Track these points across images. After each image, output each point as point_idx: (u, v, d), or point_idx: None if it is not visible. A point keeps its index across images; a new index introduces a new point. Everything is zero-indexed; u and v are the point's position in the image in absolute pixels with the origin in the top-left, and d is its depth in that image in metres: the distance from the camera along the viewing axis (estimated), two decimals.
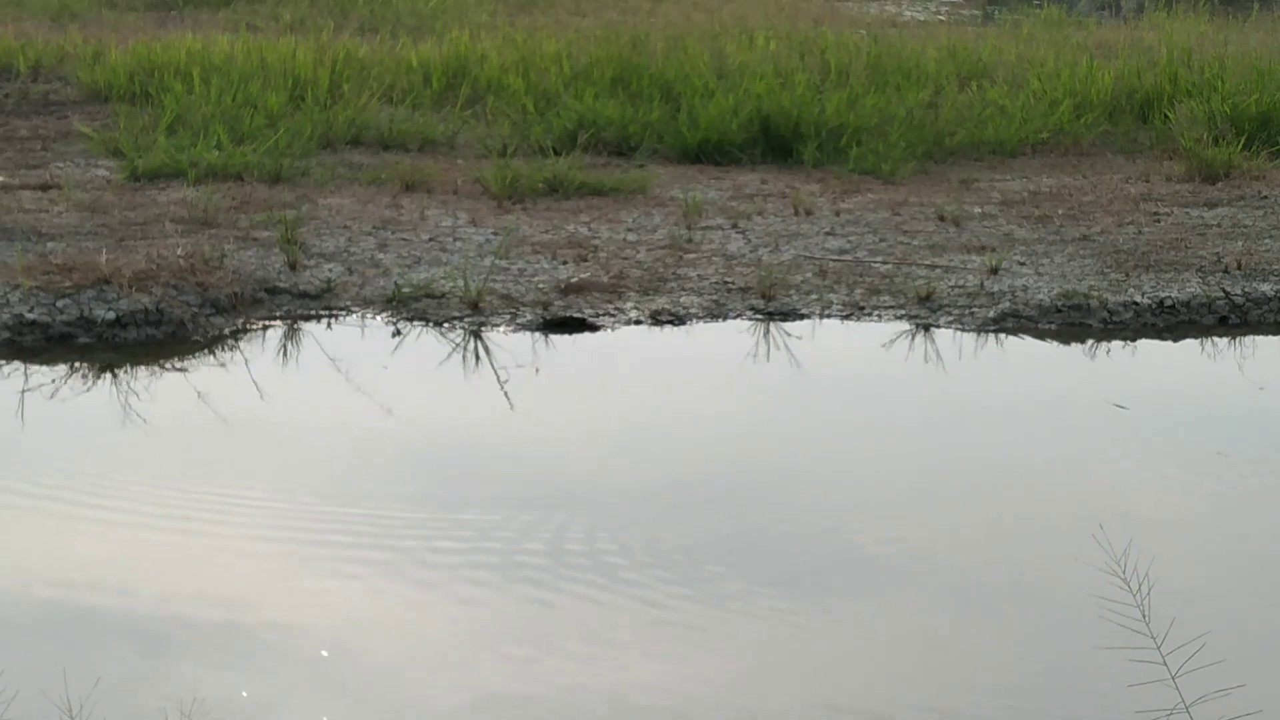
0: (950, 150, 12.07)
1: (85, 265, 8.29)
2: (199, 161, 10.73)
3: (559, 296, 8.53)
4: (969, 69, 14.32)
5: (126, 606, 5.24)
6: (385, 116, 12.23)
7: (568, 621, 5.23)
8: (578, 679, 4.88)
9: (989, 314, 8.50)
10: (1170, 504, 6.36)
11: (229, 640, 5.03)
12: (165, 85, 12.50)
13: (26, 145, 11.79)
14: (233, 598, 5.30)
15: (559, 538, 5.80)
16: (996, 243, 9.71)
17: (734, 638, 5.17)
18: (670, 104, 12.51)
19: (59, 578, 5.42)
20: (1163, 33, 16.90)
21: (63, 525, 5.86)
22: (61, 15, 17.57)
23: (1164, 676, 3.90)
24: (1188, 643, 3.96)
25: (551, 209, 10.28)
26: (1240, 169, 11.62)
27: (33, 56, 14.26)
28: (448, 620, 5.27)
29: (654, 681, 4.87)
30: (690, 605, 5.34)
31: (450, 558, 5.64)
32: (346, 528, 5.83)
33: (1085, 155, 12.41)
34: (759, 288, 8.66)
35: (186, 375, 7.62)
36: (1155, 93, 13.25)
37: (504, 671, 4.90)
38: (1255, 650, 5.12)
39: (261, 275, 8.63)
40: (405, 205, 10.21)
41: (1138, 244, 9.75)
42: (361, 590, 5.41)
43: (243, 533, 5.84)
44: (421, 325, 8.22)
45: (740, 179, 11.26)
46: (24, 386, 7.37)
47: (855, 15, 20.09)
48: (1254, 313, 8.74)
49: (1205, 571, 5.73)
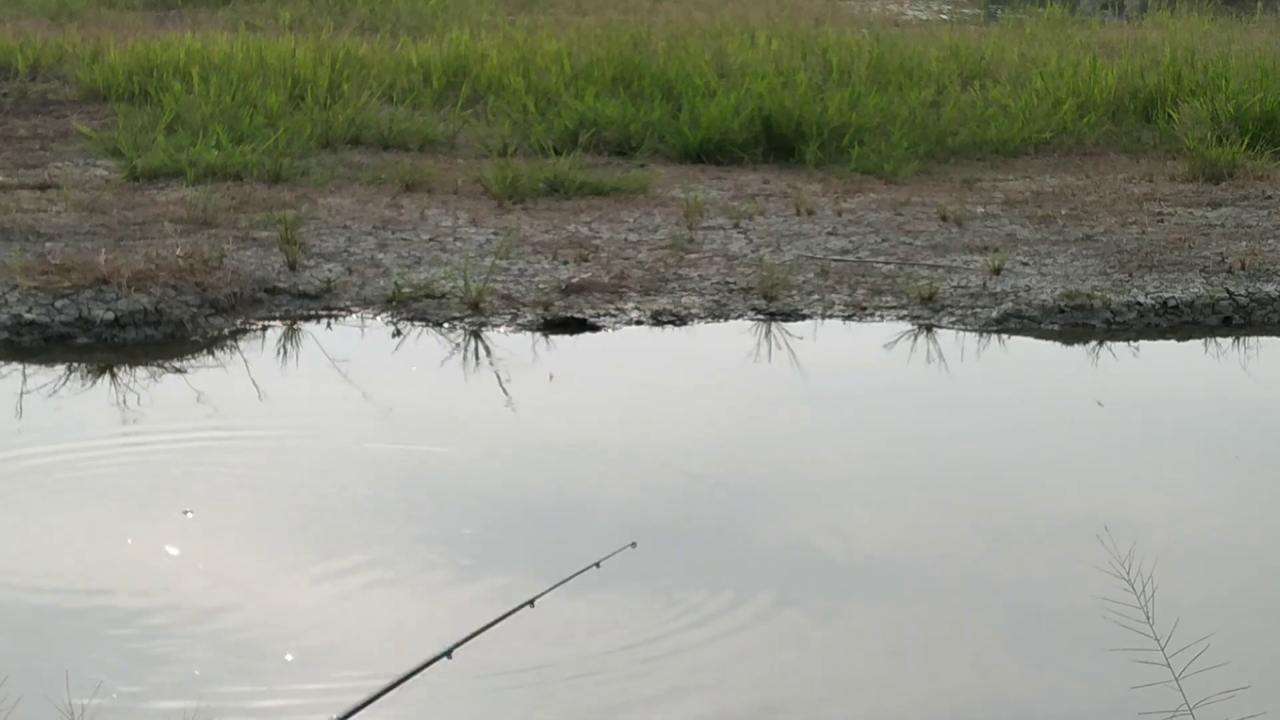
0: (953, 150, 12.05)
1: (84, 265, 8.26)
2: (198, 161, 10.70)
3: (560, 297, 8.50)
4: (971, 68, 14.31)
5: (128, 610, 5.21)
6: (385, 116, 12.21)
7: (567, 622, 5.20)
8: (578, 680, 4.85)
9: (992, 314, 8.46)
10: (1173, 505, 6.33)
11: (231, 644, 5.00)
12: (164, 85, 12.48)
13: (25, 145, 11.76)
14: (234, 600, 5.27)
15: (559, 538, 5.77)
16: (999, 243, 9.68)
17: (731, 639, 5.13)
18: (671, 103, 12.49)
19: (59, 581, 5.39)
20: (1166, 32, 16.89)
21: (63, 526, 5.83)
22: (60, 14, 17.56)
23: (1168, 678, 3.87)
24: (1191, 644, 3.93)
25: (552, 209, 10.26)
26: (1244, 169, 11.60)
27: (31, 56, 14.24)
28: (448, 621, 5.24)
29: (653, 683, 4.84)
30: (688, 605, 5.31)
31: (450, 558, 5.61)
32: (347, 528, 5.81)
33: (1088, 155, 12.39)
34: (761, 288, 8.63)
35: (185, 376, 7.59)
36: (1159, 92, 13.24)
37: (497, 676, 4.87)
38: (1260, 652, 5.09)
39: (261, 275, 8.60)
40: (405, 205, 10.19)
41: (1141, 244, 9.71)
42: (362, 591, 5.38)
43: (244, 534, 5.81)
44: (421, 325, 8.19)
45: (742, 179, 11.23)
46: (22, 387, 7.34)
47: (857, 14, 20.08)
48: (1258, 313, 8.71)
49: (1210, 573, 5.70)
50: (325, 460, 6.54)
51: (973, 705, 4.81)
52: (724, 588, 5.42)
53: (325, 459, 6.55)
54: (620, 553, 4.81)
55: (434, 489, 6.23)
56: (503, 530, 5.89)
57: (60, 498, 6.11)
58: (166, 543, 5.70)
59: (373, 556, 5.59)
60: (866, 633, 5.26)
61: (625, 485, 6.38)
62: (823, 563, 5.70)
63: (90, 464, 6.47)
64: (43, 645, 4.97)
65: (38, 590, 5.32)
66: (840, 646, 5.16)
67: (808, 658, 5.05)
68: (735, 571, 5.55)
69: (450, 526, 5.90)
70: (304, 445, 6.75)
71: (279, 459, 6.57)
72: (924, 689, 4.88)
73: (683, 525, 5.98)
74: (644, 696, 4.79)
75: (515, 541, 5.79)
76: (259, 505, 6.06)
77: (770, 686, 4.86)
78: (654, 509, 6.13)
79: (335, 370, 7.59)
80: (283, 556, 5.65)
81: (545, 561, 5.59)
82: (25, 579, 5.42)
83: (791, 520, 6.02)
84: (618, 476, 6.48)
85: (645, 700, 4.77)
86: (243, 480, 6.27)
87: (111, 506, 5.98)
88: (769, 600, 5.35)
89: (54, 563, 5.53)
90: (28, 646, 4.97)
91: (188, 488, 6.14)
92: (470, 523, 5.95)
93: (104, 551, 5.62)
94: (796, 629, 5.22)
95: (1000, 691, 4.89)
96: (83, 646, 4.96)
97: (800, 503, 6.20)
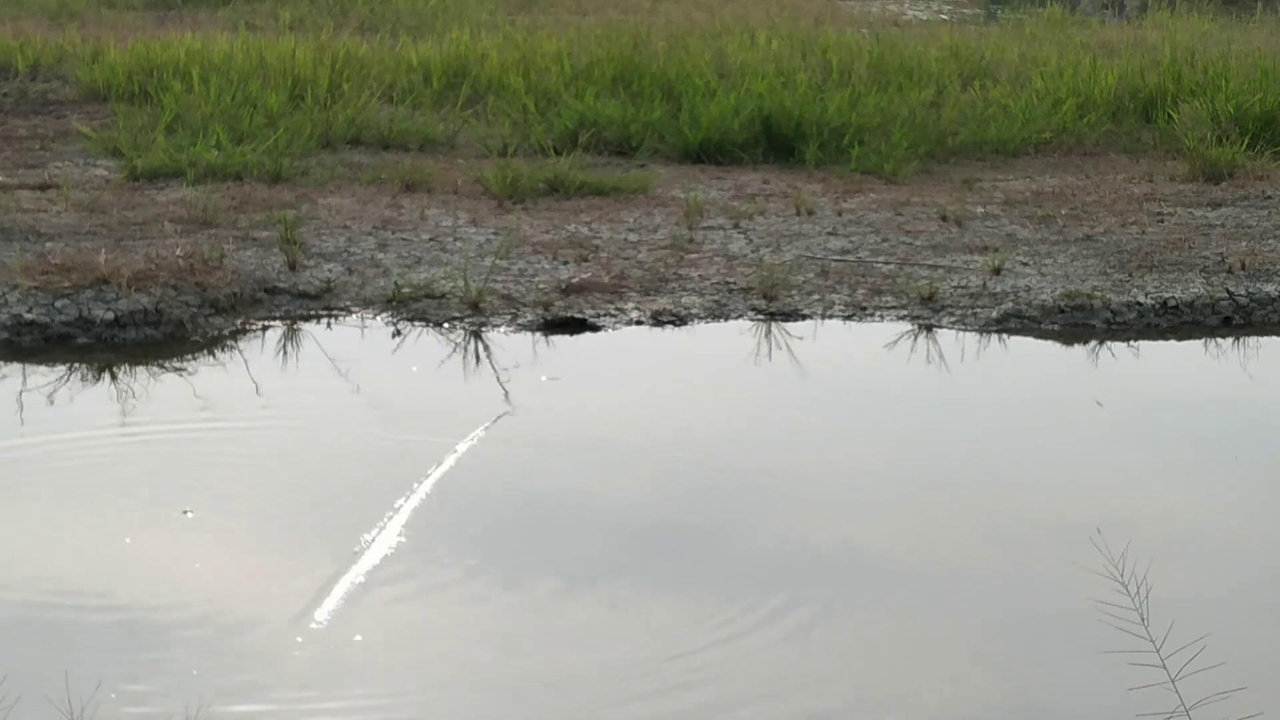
0: (953, 150, 12.05)
1: (84, 265, 8.26)
2: (198, 161, 10.70)
3: (560, 297, 8.50)
4: (971, 68, 14.31)
5: (128, 609, 5.21)
6: (385, 116, 12.21)
7: (566, 624, 5.20)
8: (579, 680, 4.85)
9: (992, 314, 8.46)
10: (1170, 504, 6.33)
11: (232, 643, 5.00)
12: (164, 85, 12.48)
13: (25, 145, 11.76)
14: (235, 600, 5.26)
15: (558, 539, 5.77)
16: (999, 243, 9.68)
17: (725, 640, 5.13)
18: (671, 103, 12.49)
19: (59, 580, 5.39)
20: (1166, 32, 16.88)
21: (63, 527, 5.83)
22: (60, 14, 17.55)
23: (1164, 679, 3.87)
24: (1188, 645, 3.93)
25: (552, 209, 10.25)
26: (1244, 169, 11.59)
27: (31, 56, 14.24)
28: (449, 622, 5.24)
29: (650, 685, 4.83)
30: (687, 606, 5.31)
31: (450, 559, 5.61)
32: (348, 529, 5.80)
33: (1088, 155, 12.39)
34: (761, 288, 8.63)
35: (185, 376, 7.59)
36: (1159, 92, 13.24)
37: (499, 672, 4.87)
38: (1257, 651, 5.08)
39: (261, 275, 8.59)
40: (405, 205, 10.19)
41: (1141, 244, 9.71)
42: (363, 592, 5.37)
43: (244, 534, 5.81)
44: (421, 325, 8.19)
45: (742, 179, 11.23)
46: (22, 387, 7.34)
47: (857, 14, 20.08)
48: (1258, 313, 8.71)
49: (1205, 573, 5.69)
50: (326, 460, 6.54)
51: (967, 707, 4.79)
52: (721, 586, 5.42)
53: (326, 459, 6.55)
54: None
55: (435, 488, 6.22)
56: (504, 528, 5.89)
57: (60, 497, 6.11)
58: (167, 542, 5.69)
59: (373, 556, 5.59)
60: (860, 633, 5.25)
61: (625, 485, 6.38)
62: (816, 564, 5.70)
63: (90, 464, 6.47)
64: (43, 645, 4.97)
65: (37, 590, 5.32)
66: (832, 647, 5.15)
67: (796, 659, 5.03)
68: (732, 571, 5.55)
69: (450, 528, 5.90)
70: (304, 445, 6.75)
71: (279, 459, 6.57)
72: (918, 691, 4.86)
73: (682, 525, 5.98)
74: (634, 700, 4.79)
75: (517, 539, 5.79)
76: (260, 505, 6.06)
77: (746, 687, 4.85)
78: (654, 508, 6.13)
79: (335, 370, 7.59)
80: (283, 556, 5.65)
81: (546, 561, 5.60)
82: (25, 579, 5.42)
83: (790, 520, 6.01)
84: (617, 476, 6.48)
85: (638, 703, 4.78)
86: (243, 480, 6.27)
87: (112, 506, 5.98)
88: (757, 601, 5.34)
89: (54, 562, 5.53)
90: (28, 646, 4.97)
91: (188, 487, 6.14)
92: (472, 522, 5.95)
93: (104, 551, 5.62)
94: (785, 629, 5.21)
95: (995, 693, 4.88)
96: (83, 646, 4.95)
97: (800, 502, 6.20)
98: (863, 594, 5.50)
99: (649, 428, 6.97)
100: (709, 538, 5.86)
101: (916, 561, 5.71)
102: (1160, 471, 6.68)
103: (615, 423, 7.05)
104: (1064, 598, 5.32)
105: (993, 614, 5.37)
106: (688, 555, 5.72)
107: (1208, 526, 6.14)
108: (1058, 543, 5.82)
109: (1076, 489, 6.42)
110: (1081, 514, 6.02)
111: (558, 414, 7.11)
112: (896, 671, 4.98)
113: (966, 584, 5.58)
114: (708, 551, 5.74)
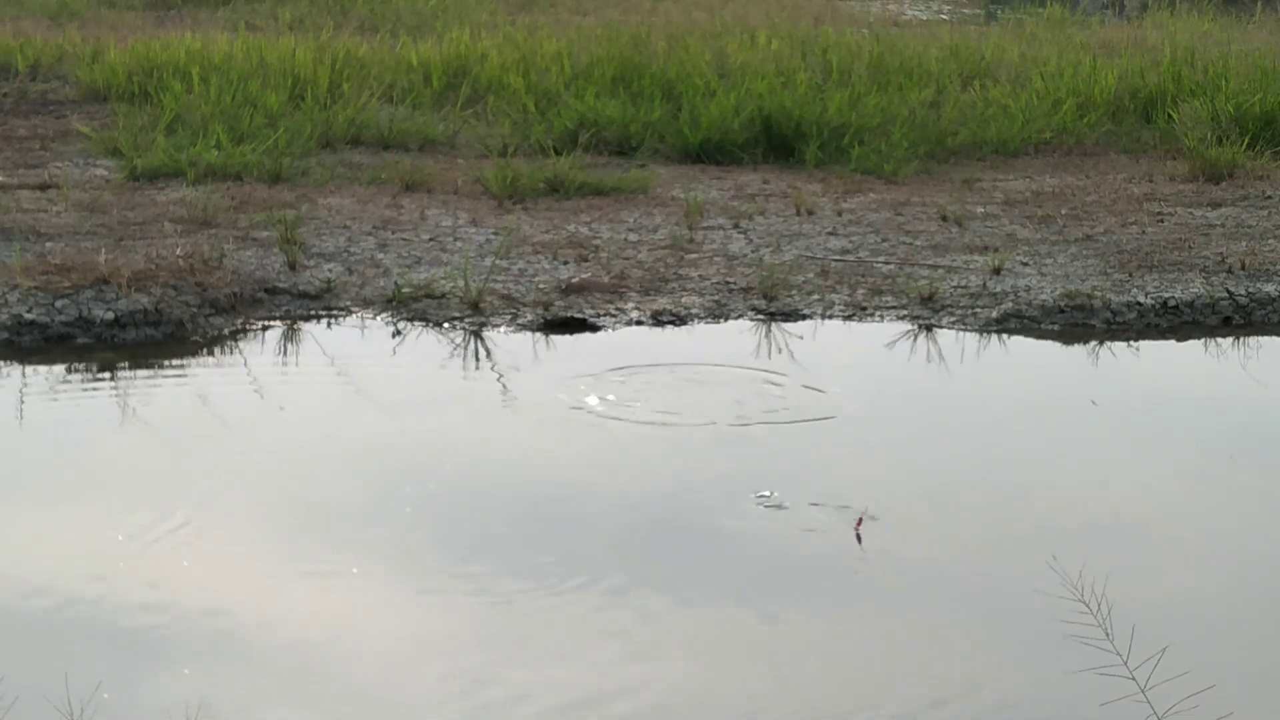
0: (953, 150, 12.05)
1: (84, 265, 8.26)
2: (198, 161, 10.70)
3: (560, 297, 8.50)
4: (971, 68, 14.31)
5: (127, 610, 5.21)
6: (385, 116, 12.21)
7: (566, 624, 5.20)
8: (578, 681, 4.85)
9: (992, 314, 8.46)
10: (1170, 505, 6.32)
11: (231, 645, 5.00)
12: (164, 84, 12.48)
13: (25, 145, 11.76)
14: (234, 601, 5.26)
15: (557, 539, 5.77)
16: (999, 243, 9.68)
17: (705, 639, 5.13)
18: (671, 103, 12.49)
19: (59, 581, 5.38)
20: (1166, 32, 16.89)
21: (63, 527, 5.83)
22: (60, 14, 17.56)
23: (1135, 692, 3.87)
24: (1153, 655, 3.94)
25: (552, 209, 10.26)
26: (1244, 169, 11.60)
27: (31, 56, 14.24)
28: (449, 623, 5.24)
29: (648, 685, 4.83)
30: (685, 606, 5.30)
31: (451, 560, 5.60)
32: (348, 530, 5.80)
33: (1088, 155, 12.40)
34: (761, 288, 8.63)
35: (185, 376, 7.59)
36: (1159, 92, 13.24)
37: (496, 677, 4.87)
38: (1219, 651, 5.06)
39: (261, 275, 8.59)
40: (405, 205, 10.19)
41: (1141, 244, 9.71)
42: (363, 593, 5.38)
43: (244, 535, 5.81)
44: (421, 325, 8.18)
45: (742, 179, 11.23)
46: (22, 387, 7.33)
47: (857, 14, 20.08)
48: (1258, 313, 8.71)
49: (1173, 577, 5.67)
50: (326, 460, 6.54)
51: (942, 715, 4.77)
52: (717, 586, 5.42)
53: (326, 458, 6.55)
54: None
55: (436, 488, 6.22)
56: (505, 528, 5.88)
57: (60, 497, 6.11)
58: (166, 542, 5.69)
59: (374, 556, 5.59)
60: (853, 640, 5.25)
61: (625, 484, 6.38)
62: (811, 569, 5.69)
63: (90, 464, 6.48)
64: (43, 645, 4.97)
65: (37, 590, 5.32)
66: (821, 656, 5.14)
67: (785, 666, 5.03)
68: (729, 570, 5.55)
69: (450, 528, 5.90)
70: (304, 444, 6.75)
71: (279, 458, 6.57)
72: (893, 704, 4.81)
73: (681, 524, 5.98)
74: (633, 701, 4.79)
75: (516, 539, 5.78)
76: (259, 505, 6.06)
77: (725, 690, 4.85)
78: (652, 508, 6.13)
79: (335, 370, 7.59)
80: (283, 556, 5.65)
81: (546, 560, 5.59)
82: (25, 579, 5.42)
83: (788, 519, 6.01)
84: (615, 475, 6.48)
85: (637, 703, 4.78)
86: (243, 480, 6.27)
87: (111, 506, 5.98)
88: (748, 603, 5.34)
89: (53, 562, 5.53)
90: (27, 646, 4.97)
91: (188, 487, 6.14)
92: (473, 521, 5.95)
93: (103, 551, 5.62)
94: (780, 633, 5.21)
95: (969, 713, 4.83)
96: (83, 646, 4.95)
97: (799, 502, 6.19)
98: (861, 594, 5.51)
99: (648, 426, 6.97)
100: (697, 536, 5.86)
101: (912, 565, 5.70)
102: (1160, 470, 6.67)
103: (613, 421, 7.03)
104: (1032, 609, 5.21)
105: (986, 617, 5.34)
106: (682, 555, 5.72)
107: (1187, 530, 6.09)
108: (1036, 548, 5.70)
109: (1069, 490, 6.40)
110: (1064, 518, 6.00)
111: (557, 413, 7.10)
112: (872, 681, 4.94)
113: (959, 585, 5.57)
114: (699, 550, 5.74)
